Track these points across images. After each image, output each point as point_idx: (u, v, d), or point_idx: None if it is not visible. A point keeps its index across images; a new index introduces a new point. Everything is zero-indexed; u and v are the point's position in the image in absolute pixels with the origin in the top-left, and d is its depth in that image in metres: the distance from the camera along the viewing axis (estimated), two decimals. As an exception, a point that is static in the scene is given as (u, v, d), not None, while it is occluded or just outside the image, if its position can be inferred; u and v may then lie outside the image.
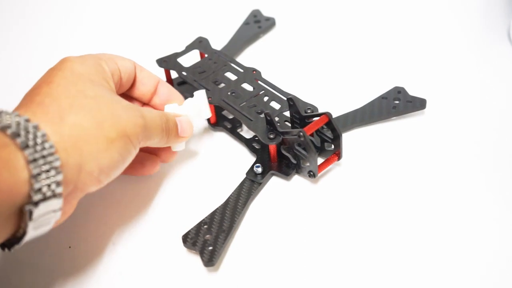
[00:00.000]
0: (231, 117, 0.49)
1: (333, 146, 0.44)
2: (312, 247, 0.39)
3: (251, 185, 0.43)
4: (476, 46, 0.57)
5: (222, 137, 0.48)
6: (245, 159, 0.46)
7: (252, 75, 0.49)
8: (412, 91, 0.50)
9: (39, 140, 0.30)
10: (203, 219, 0.40)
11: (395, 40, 0.58)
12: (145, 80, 0.43)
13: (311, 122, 0.43)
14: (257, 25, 0.60)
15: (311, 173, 0.42)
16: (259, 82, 0.48)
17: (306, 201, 0.42)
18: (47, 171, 0.30)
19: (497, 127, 0.47)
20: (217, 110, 0.49)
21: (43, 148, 0.30)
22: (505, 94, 0.50)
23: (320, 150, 0.45)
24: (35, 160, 0.30)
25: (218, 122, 0.49)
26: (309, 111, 0.45)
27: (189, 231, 0.40)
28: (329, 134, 0.43)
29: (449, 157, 0.45)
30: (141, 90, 0.44)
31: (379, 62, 0.55)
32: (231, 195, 0.42)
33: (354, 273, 0.37)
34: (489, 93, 0.51)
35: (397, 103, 0.49)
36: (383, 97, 0.49)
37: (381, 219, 0.41)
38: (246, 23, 0.60)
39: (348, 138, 0.47)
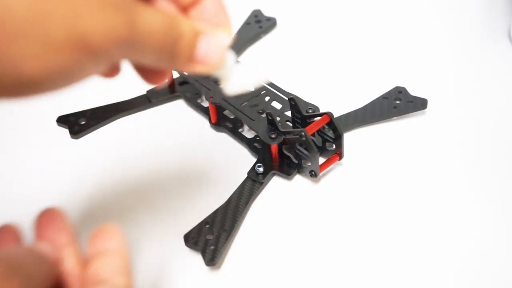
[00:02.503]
0: (232, 117, 0.49)
1: (334, 146, 0.44)
2: (313, 246, 0.39)
3: (252, 184, 0.43)
4: (477, 46, 0.57)
5: (224, 137, 0.48)
6: (247, 159, 0.46)
7: (253, 75, 0.49)
8: (413, 91, 0.50)
9: None
10: (205, 219, 0.41)
11: (396, 40, 0.58)
12: (210, 8, 0.30)
13: (313, 122, 0.43)
14: (258, 25, 0.60)
15: (313, 172, 0.42)
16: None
17: (307, 201, 0.43)
18: None
19: (498, 127, 0.47)
20: (219, 110, 0.49)
21: None
22: (506, 94, 0.51)
23: (322, 150, 0.45)
24: None
25: (219, 122, 0.49)
26: (310, 111, 0.45)
27: (191, 230, 0.40)
28: (330, 134, 0.43)
29: (450, 157, 0.45)
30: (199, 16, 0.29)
31: (380, 62, 0.55)
32: (232, 194, 0.42)
33: (355, 273, 0.37)
34: (490, 93, 0.51)
35: (398, 103, 0.49)
36: (384, 97, 0.49)
37: (382, 218, 0.41)
38: (247, 23, 0.60)
39: (349, 138, 0.47)
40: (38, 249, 0.26)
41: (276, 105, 0.47)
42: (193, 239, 0.39)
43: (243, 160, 0.46)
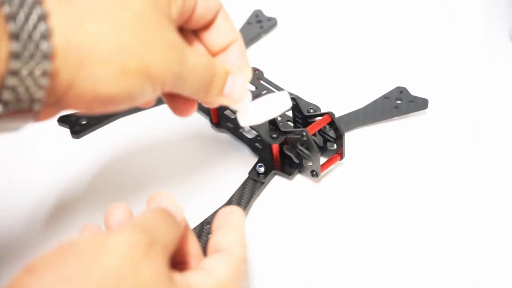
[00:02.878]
0: (233, 117, 0.49)
1: (335, 146, 0.44)
2: (314, 246, 0.39)
3: (253, 184, 0.43)
4: (478, 46, 0.57)
5: (224, 137, 0.48)
6: (248, 159, 0.46)
7: (254, 74, 0.49)
8: (414, 91, 0.50)
9: (33, 19, 0.25)
10: (206, 219, 0.41)
11: (397, 40, 0.58)
12: (223, 29, 0.35)
13: (314, 121, 0.43)
14: (259, 25, 0.60)
15: (314, 172, 0.42)
16: (262, 81, 0.48)
17: (308, 201, 0.43)
18: (33, 59, 0.25)
19: (499, 127, 0.47)
20: (219, 110, 0.49)
21: (34, 28, 0.25)
22: (506, 94, 0.51)
23: (323, 150, 0.45)
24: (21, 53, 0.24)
25: (220, 122, 0.49)
26: (311, 110, 0.45)
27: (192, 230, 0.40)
28: (331, 133, 0.43)
29: (451, 157, 0.45)
30: (212, 38, 0.35)
31: (381, 62, 0.55)
32: (233, 194, 0.42)
33: (356, 272, 0.37)
34: (491, 93, 0.51)
35: (399, 103, 0.49)
36: (385, 97, 0.49)
37: (383, 218, 0.41)
38: (248, 23, 0.60)
39: (351, 138, 0.47)
40: (168, 209, 0.30)
41: (277, 105, 0.47)
42: (194, 238, 0.39)
43: (244, 160, 0.46)
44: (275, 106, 0.37)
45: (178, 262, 0.31)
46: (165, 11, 0.30)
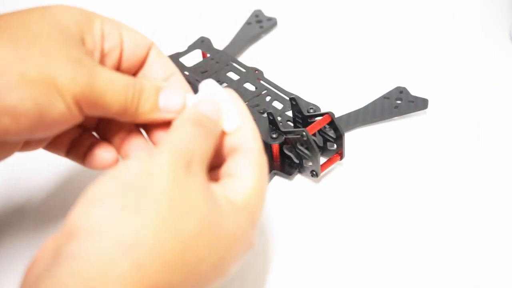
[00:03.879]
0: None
1: (335, 146, 0.44)
2: (314, 246, 0.39)
3: (253, 184, 0.43)
4: (478, 46, 0.57)
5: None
6: (248, 159, 0.46)
7: (254, 74, 0.49)
8: (414, 91, 0.50)
9: None
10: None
11: (397, 40, 0.58)
12: (157, 65, 0.35)
13: (314, 121, 0.43)
14: (259, 25, 0.60)
15: (314, 172, 0.42)
16: (262, 81, 0.48)
17: (308, 201, 0.43)
18: None
19: (499, 127, 0.47)
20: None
21: None
22: (506, 94, 0.51)
23: (323, 150, 0.45)
24: None
25: (220, 121, 0.49)
26: (311, 110, 0.45)
27: None
28: (331, 133, 0.43)
29: (451, 157, 0.45)
30: (147, 77, 0.35)
31: (381, 62, 0.55)
32: (233, 194, 0.42)
33: (356, 272, 0.37)
34: (491, 93, 0.51)
35: (399, 103, 0.49)
36: (385, 97, 0.49)
37: (383, 218, 0.41)
38: (248, 23, 0.60)
39: (351, 138, 0.47)
40: (202, 115, 0.30)
41: (277, 105, 0.47)
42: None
43: (244, 160, 0.46)
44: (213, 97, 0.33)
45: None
46: (74, 37, 0.30)
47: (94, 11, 0.33)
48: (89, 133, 0.36)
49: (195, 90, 0.48)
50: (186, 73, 0.50)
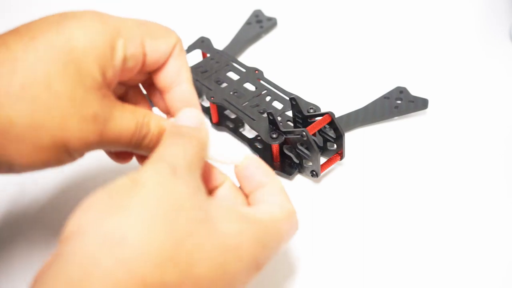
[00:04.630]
0: (233, 116, 0.49)
1: (335, 146, 0.44)
2: (314, 246, 0.39)
3: (253, 184, 0.43)
4: (477, 46, 0.57)
5: (225, 137, 0.48)
6: (248, 159, 0.46)
7: (254, 74, 0.49)
8: (414, 91, 0.50)
9: None
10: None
11: (397, 40, 0.58)
12: (174, 68, 0.34)
13: (314, 121, 0.43)
14: (259, 25, 0.60)
15: (314, 172, 0.42)
16: (262, 81, 0.48)
17: (308, 201, 0.42)
18: None
19: (499, 127, 0.47)
20: (220, 110, 0.49)
21: None
22: (507, 94, 0.51)
23: (323, 150, 0.45)
24: None
25: (220, 122, 0.49)
26: (311, 110, 0.45)
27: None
28: (331, 133, 0.43)
29: (451, 157, 0.45)
30: (161, 81, 0.34)
31: (381, 62, 0.55)
32: (233, 194, 0.42)
33: (356, 272, 0.37)
34: (491, 93, 0.51)
35: (399, 103, 0.49)
36: (385, 97, 0.49)
37: (383, 218, 0.41)
38: (248, 23, 0.60)
39: (351, 138, 0.47)
40: (181, 125, 0.32)
41: (277, 105, 0.47)
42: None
43: (244, 160, 0.46)
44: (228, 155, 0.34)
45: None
46: (89, 82, 0.30)
47: (118, 20, 0.32)
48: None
49: (196, 89, 0.48)
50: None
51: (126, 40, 0.31)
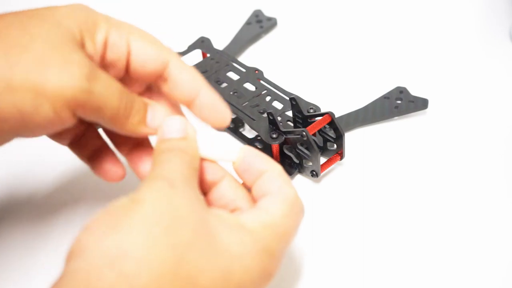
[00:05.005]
0: (233, 116, 0.49)
1: (335, 146, 0.44)
2: (314, 246, 0.39)
3: (253, 184, 0.43)
4: (477, 46, 0.57)
5: (225, 137, 0.48)
6: (248, 159, 0.46)
7: (254, 74, 0.49)
8: (414, 91, 0.50)
9: None
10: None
11: (397, 40, 0.58)
12: (181, 84, 0.33)
13: (314, 121, 0.43)
14: (259, 25, 0.60)
15: (314, 172, 0.42)
16: (262, 81, 0.48)
17: (308, 201, 0.42)
18: None
19: (499, 127, 0.47)
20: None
21: None
22: (507, 94, 0.51)
23: (323, 150, 0.45)
24: None
25: (220, 121, 0.49)
26: (311, 110, 0.45)
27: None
28: (331, 133, 0.43)
29: (451, 157, 0.45)
30: (174, 93, 0.33)
31: (381, 62, 0.55)
32: (233, 194, 0.42)
33: (356, 272, 0.37)
34: (491, 93, 0.51)
35: (399, 103, 0.49)
36: (385, 97, 0.49)
37: (383, 218, 0.41)
38: (248, 23, 0.60)
39: (351, 138, 0.47)
40: (167, 139, 0.31)
41: (277, 105, 0.47)
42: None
43: (244, 160, 0.46)
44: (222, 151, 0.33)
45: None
46: (74, 41, 0.29)
47: (106, 15, 0.32)
48: (94, 130, 0.36)
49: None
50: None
51: (110, 27, 0.31)
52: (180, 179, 0.28)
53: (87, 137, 0.35)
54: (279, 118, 0.45)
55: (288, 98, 0.46)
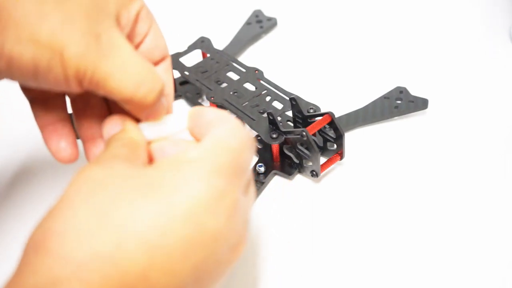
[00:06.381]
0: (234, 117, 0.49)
1: (335, 146, 0.44)
2: (314, 246, 0.39)
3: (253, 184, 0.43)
4: (478, 46, 0.57)
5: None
6: (248, 159, 0.46)
7: (254, 74, 0.49)
8: (414, 91, 0.50)
9: None
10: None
11: (397, 40, 0.58)
12: (153, 42, 0.34)
13: (314, 121, 0.43)
14: (259, 25, 0.60)
15: (314, 172, 0.42)
16: (262, 81, 0.48)
17: (308, 201, 0.43)
18: None
19: (499, 127, 0.47)
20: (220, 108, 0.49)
21: None
22: (506, 94, 0.51)
23: (323, 150, 0.45)
24: None
25: (220, 121, 0.49)
26: (311, 110, 0.45)
27: None
28: (331, 133, 0.43)
29: (451, 157, 0.45)
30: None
31: (381, 62, 0.55)
32: (233, 194, 0.42)
33: (356, 272, 0.37)
34: (491, 93, 0.51)
35: (399, 103, 0.49)
36: (385, 97, 0.49)
37: (383, 218, 0.41)
38: (248, 23, 0.60)
39: (351, 138, 0.47)
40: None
41: (277, 105, 0.47)
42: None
43: (244, 160, 0.46)
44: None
45: None
46: (108, 10, 0.29)
47: None
48: (64, 101, 0.35)
49: (196, 88, 0.48)
50: (186, 73, 0.50)
51: (143, 6, 0.32)
52: (104, 158, 0.28)
53: (55, 104, 0.34)
54: (279, 118, 0.45)
55: (288, 98, 0.46)
